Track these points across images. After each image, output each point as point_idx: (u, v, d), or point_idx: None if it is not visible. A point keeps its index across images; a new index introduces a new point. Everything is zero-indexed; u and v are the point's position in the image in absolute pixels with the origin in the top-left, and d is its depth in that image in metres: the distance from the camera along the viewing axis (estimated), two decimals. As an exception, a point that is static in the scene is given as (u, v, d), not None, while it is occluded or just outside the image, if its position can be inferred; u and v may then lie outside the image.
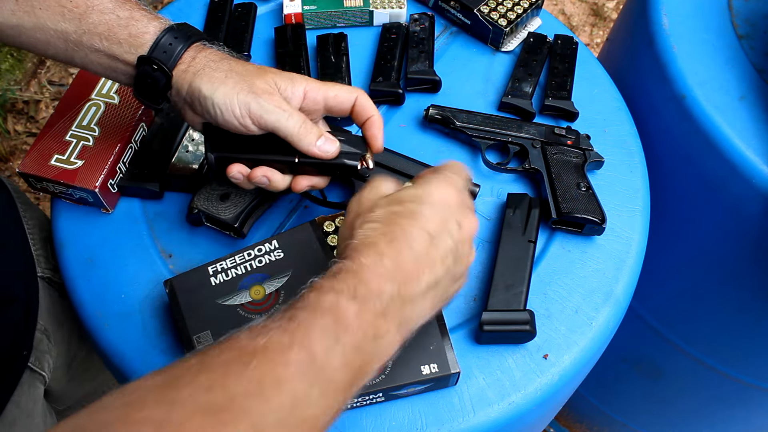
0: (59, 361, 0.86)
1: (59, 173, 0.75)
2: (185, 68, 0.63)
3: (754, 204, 0.80)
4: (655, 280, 0.98)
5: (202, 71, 0.63)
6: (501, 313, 0.68)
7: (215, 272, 0.67)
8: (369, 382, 0.62)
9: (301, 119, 0.63)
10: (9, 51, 2.08)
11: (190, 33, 0.65)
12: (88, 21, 0.62)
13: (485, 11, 0.90)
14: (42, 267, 0.83)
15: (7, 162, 1.96)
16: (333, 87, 0.67)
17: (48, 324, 0.82)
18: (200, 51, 0.65)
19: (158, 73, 0.63)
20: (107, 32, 0.63)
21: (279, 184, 0.67)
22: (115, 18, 0.63)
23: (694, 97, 0.83)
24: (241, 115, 0.62)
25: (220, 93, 0.62)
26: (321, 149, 0.65)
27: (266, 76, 0.64)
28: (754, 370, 1.05)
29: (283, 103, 0.63)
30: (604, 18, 2.31)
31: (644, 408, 1.34)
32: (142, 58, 0.63)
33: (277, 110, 0.62)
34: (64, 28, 0.63)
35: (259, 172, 0.66)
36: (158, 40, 0.63)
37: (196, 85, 0.63)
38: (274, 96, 0.63)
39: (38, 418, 0.81)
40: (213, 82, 0.62)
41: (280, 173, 0.67)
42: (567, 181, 0.77)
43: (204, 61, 0.64)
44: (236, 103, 0.62)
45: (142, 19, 0.64)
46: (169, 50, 0.63)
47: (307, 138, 0.64)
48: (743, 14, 0.90)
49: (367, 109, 0.68)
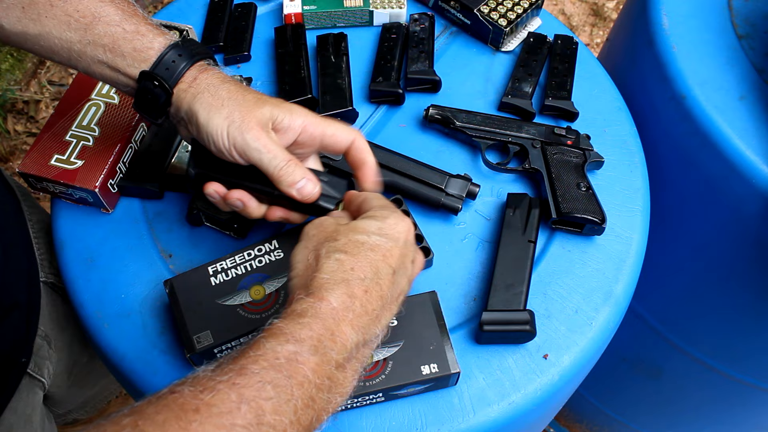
0: (60, 366, 0.86)
1: (59, 173, 0.75)
2: (186, 88, 0.63)
3: (754, 204, 0.80)
4: (655, 280, 0.98)
5: (201, 95, 0.62)
6: (501, 313, 0.68)
7: (215, 272, 0.67)
8: (369, 383, 0.62)
9: (284, 160, 0.62)
10: (9, 51, 2.08)
11: (194, 51, 0.64)
12: (94, 32, 0.62)
13: (485, 11, 0.90)
14: (45, 272, 0.83)
15: (7, 162, 1.96)
16: (332, 125, 0.65)
17: (49, 329, 0.82)
18: (202, 72, 0.64)
19: (159, 90, 0.63)
20: (112, 44, 0.62)
21: (253, 212, 0.66)
22: (120, 31, 0.62)
23: (694, 97, 0.83)
24: (227, 147, 0.61)
25: (213, 124, 0.61)
26: (300, 192, 0.63)
27: (263, 108, 0.62)
28: (754, 370, 1.05)
29: (270, 142, 0.61)
30: (604, 18, 2.31)
31: (644, 408, 1.34)
32: (144, 74, 0.63)
33: (261, 149, 0.61)
34: (69, 37, 0.62)
35: (235, 194, 0.65)
36: (162, 57, 0.62)
37: (194, 109, 0.62)
38: (262, 134, 0.61)
39: (36, 424, 0.81)
40: (210, 109, 0.61)
41: (256, 201, 0.66)
42: (567, 181, 0.77)
43: (204, 84, 0.63)
44: (225, 136, 0.61)
45: (148, 34, 0.63)
46: (172, 68, 0.62)
47: (287, 179, 0.62)
48: (743, 14, 0.90)
49: (362, 152, 0.66)
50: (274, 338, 0.46)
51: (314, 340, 0.47)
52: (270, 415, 0.43)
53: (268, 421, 0.43)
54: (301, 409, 0.45)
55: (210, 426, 0.41)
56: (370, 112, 0.87)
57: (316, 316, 0.48)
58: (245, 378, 0.43)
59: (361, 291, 0.50)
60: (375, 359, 0.63)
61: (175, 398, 0.42)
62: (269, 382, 0.44)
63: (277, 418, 0.43)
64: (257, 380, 0.44)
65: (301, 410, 0.45)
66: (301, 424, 0.45)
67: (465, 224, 0.78)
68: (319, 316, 0.48)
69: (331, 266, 0.51)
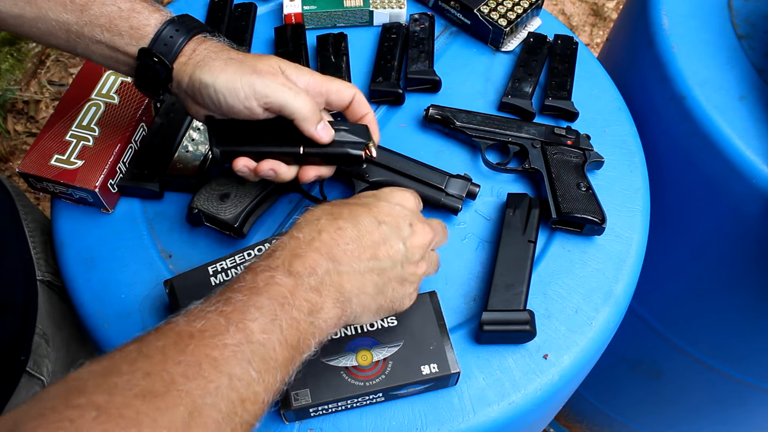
0: (58, 364, 0.86)
1: (59, 173, 0.75)
2: (186, 60, 0.64)
3: (754, 204, 0.80)
4: (655, 280, 0.98)
5: (202, 62, 0.63)
6: (501, 313, 0.68)
7: (215, 272, 0.67)
8: (369, 383, 0.62)
9: (308, 100, 0.63)
10: (9, 51, 2.08)
11: (191, 25, 0.65)
12: (90, 12, 0.63)
13: (485, 11, 0.90)
14: (42, 270, 0.83)
15: (7, 162, 1.96)
16: (335, 82, 0.68)
17: (47, 328, 0.82)
18: (201, 43, 0.65)
19: (159, 66, 0.63)
20: (108, 24, 0.63)
21: (285, 176, 0.67)
22: (116, 10, 0.63)
23: (694, 97, 0.83)
24: (246, 96, 0.62)
25: (221, 79, 0.62)
26: (319, 133, 0.65)
27: (270, 60, 0.64)
28: (754, 370, 1.05)
29: (289, 82, 0.63)
30: (604, 18, 2.31)
31: (644, 408, 1.34)
32: (143, 51, 0.63)
33: (283, 89, 0.62)
34: (65, 19, 0.63)
35: (265, 165, 0.66)
36: (159, 33, 0.63)
37: (196, 76, 0.63)
38: (278, 76, 0.63)
39: None
40: (213, 71, 0.62)
41: (285, 165, 0.67)
42: (567, 181, 0.77)
43: (204, 53, 0.64)
44: (240, 86, 0.61)
45: (144, 11, 0.64)
46: (170, 43, 0.63)
47: (311, 119, 0.64)
48: (743, 14, 0.90)
49: (363, 106, 0.69)
50: (251, 271, 0.51)
51: (286, 266, 0.51)
52: (258, 334, 0.47)
53: (257, 339, 0.47)
54: (286, 329, 0.48)
55: (204, 347, 0.45)
56: (370, 112, 0.87)
57: (284, 248, 0.52)
58: (230, 305, 0.48)
59: (333, 227, 0.54)
60: (375, 359, 0.64)
61: (172, 327, 0.46)
62: (252, 305, 0.48)
63: (265, 336, 0.47)
64: (241, 305, 0.48)
65: (287, 330, 0.48)
66: (289, 343, 0.48)
67: (465, 224, 0.78)
68: (287, 247, 0.52)
69: (312, 214, 0.55)
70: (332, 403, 0.63)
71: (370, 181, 0.76)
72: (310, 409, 0.63)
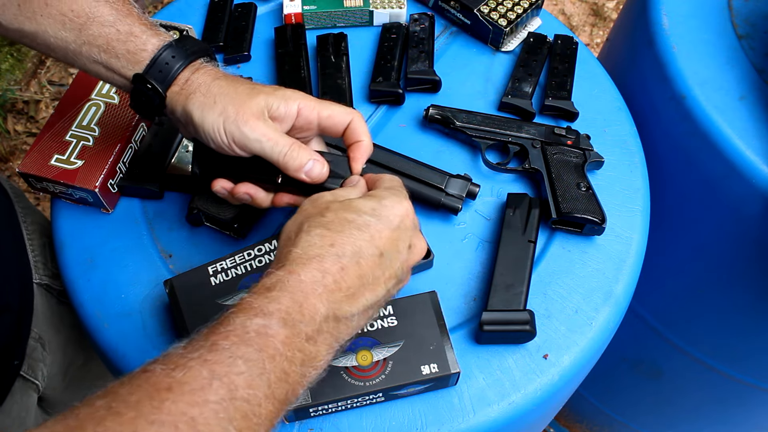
0: (54, 368, 0.86)
1: (59, 173, 0.75)
2: (179, 90, 0.62)
3: (754, 204, 0.80)
4: (655, 280, 0.98)
5: (193, 95, 0.62)
6: (501, 313, 0.68)
7: (215, 272, 0.67)
8: (369, 383, 0.62)
9: (287, 145, 0.61)
10: (9, 51, 2.08)
11: (189, 51, 0.64)
12: (88, 32, 0.62)
13: (485, 11, 0.90)
14: (40, 273, 0.82)
15: (7, 162, 1.96)
16: (329, 107, 0.64)
17: (44, 331, 0.82)
18: (195, 71, 0.63)
19: (152, 93, 0.62)
20: (106, 45, 0.62)
21: (262, 202, 0.66)
22: (114, 32, 0.62)
23: (694, 97, 0.83)
24: (226, 143, 0.61)
25: (207, 122, 0.61)
26: (308, 174, 0.62)
27: (257, 98, 0.61)
28: (754, 370, 1.05)
29: (269, 130, 0.61)
30: (604, 18, 2.31)
31: (644, 408, 1.35)
32: (137, 77, 0.62)
33: (261, 139, 0.60)
34: (64, 36, 0.62)
35: (242, 188, 0.65)
36: (155, 59, 0.62)
37: (188, 110, 0.62)
38: (259, 123, 0.61)
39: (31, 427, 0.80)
40: (203, 108, 0.61)
41: (263, 191, 0.66)
42: (567, 181, 0.77)
43: (196, 84, 0.62)
44: (222, 132, 0.60)
45: (142, 35, 0.63)
46: (165, 69, 0.62)
47: (294, 164, 0.61)
48: (743, 14, 0.90)
49: (358, 133, 0.64)
50: (243, 313, 0.47)
51: (282, 313, 0.47)
52: (243, 390, 0.43)
53: (241, 396, 0.43)
54: (274, 383, 0.45)
55: (183, 404, 0.41)
56: (370, 112, 0.87)
57: (283, 289, 0.48)
58: (216, 354, 0.44)
59: (336, 267, 0.50)
60: (375, 359, 0.64)
61: (148, 377, 0.42)
62: (240, 356, 0.44)
63: (250, 392, 0.43)
64: (228, 355, 0.44)
65: (275, 384, 0.45)
66: (276, 397, 0.45)
67: (465, 224, 0.78)
68: (286, 289, 0.48)
69: (309, 241, 0.51)
70: (332, 403, 0.63)
71: (370, 181, 0.76)
72: (310, 409, 0.63)
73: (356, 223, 0.52)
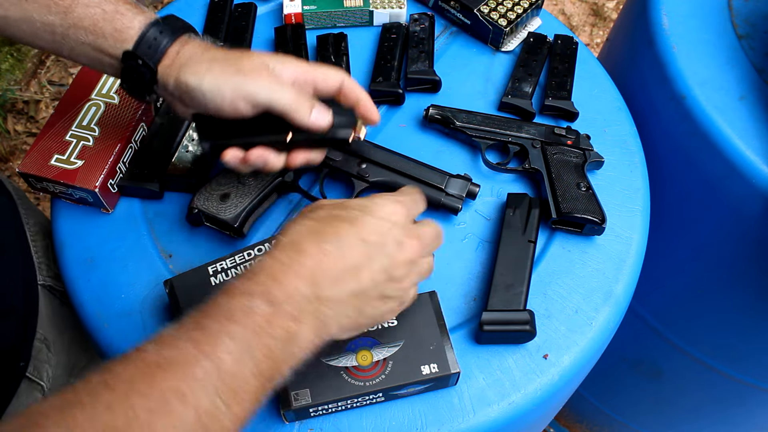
0: (59, 369, 0.86)
1: (59, 173, 0.75)
2: (170, 63, 0.63)
3: (754, 204, 0.80)
4: (655, 280, 0.98)
5: (186, 64, 0.63)
6: (501, 313, 0.68)
7: (215, 272, 0.67)
8: (369, 383, 0.62)
9: (294, 92, 0.63)
10: (9, 51, 2.08)
11: (175, 27, 0.65)
12: (74, 14, 0.63)
13: (485, 11, 0.90)
14: (44, 275, 0.82)
15: (7, 162, 1.96)
16: (320, 69, 0.66)
17: (48, 333, 0.82)
18: (184, 45, 0.64)
19: (143, 69, 0.63)
20: (92, 26, 0.63)
21: (275, 164, 0.67)
22: (100, 12, 0.63)
23: (694, 97, 0.83)
24: (232, 98, 0.62)
25: (207, 81, 0.61)
26: (315, 121, 0.64)
27: (253, 57, 0.63)
28: (754, 370, 1.05)
29: (274, 78, 0.63)
30: (604, 18, 2.31)
31: (644, 408, 1.35)
32: (127, 54, 0.63)
33: (269, 86, 0.62)
34: (50, 20, 0.63)
35: (254, 154, 0.65)
36: (143, 35, 0.63)
37: (182, 79, 0.62)
38: (262, 74, 0.62)
39: None
40: (198, 73, 0.62)
41: (274, 153, 0.66)
42: (567, 181, 0.77)
43: (188, 54, 0.63)
44: (225, 88, 0.61)
45: (128, 13, 0.64)
46: (154, 45, 0.63)
47: (302, 110, 0.63)
48: (743, 14, 0.90)
49: (354, 90, 0.67)
50: (227, 294, 0.49)
51: (266, 293, 0.49)
52: (229, 365, 0.45)
53: (228, 370, 0.45)
54: (260, 359, 0.47)
55: (172, 379, 0.43)
56: (370, 112, 0.87)
57: (266, 271, 0.50)
58: (203, 333, 0.46)
59: (317, 250, 0.52)
60: (375, 359, 0.64)
61: (141, 356, 0.45)
62: (226, 333, 0.46)
63: (236, 368, 0.45)
64: (214, 333, 0.46)
65: (261, 360, 0.47)
66: (262, 374, 0.47)
67: (465, 224, 0.78)
68: (266, 270, 0.50)
69: (295, 229, 0.53)
70: (332, 403, 0.63)
71: (370, 181, 0.76)
72: (310, 409, 0.63)
73: (343, 217, 0.54)
